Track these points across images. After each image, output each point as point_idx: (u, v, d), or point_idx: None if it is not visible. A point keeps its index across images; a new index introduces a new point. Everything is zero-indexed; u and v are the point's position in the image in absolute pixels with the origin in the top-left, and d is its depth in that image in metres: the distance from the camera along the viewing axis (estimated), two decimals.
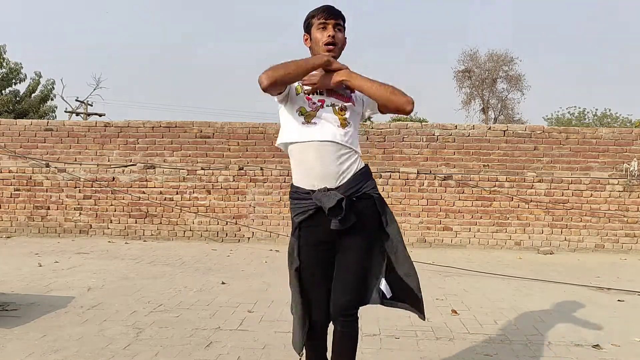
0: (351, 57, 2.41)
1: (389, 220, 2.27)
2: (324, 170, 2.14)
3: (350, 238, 2.16)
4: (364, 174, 2.22)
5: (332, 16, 2.20)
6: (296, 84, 2.20)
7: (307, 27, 2.26)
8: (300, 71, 2.08)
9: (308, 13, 2.25)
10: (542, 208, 7.41)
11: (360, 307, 2.24)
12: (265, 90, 2.06)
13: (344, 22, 2.26)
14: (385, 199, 2.20)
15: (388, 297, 2.33)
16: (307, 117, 2.17)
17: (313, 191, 2.14)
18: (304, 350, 2.30)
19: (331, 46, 2.20)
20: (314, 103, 2.18)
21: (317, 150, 2.14)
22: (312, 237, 2.21)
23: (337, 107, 2.20)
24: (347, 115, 2.21)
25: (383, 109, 2.23)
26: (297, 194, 2.22)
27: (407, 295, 2.33)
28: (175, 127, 7.74)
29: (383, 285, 2.31)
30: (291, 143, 2.20)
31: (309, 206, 2.16)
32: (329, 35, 2.19)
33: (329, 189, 2.12)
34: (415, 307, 2.34)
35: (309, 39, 2.26)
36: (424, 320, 2.38)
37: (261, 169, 7.61)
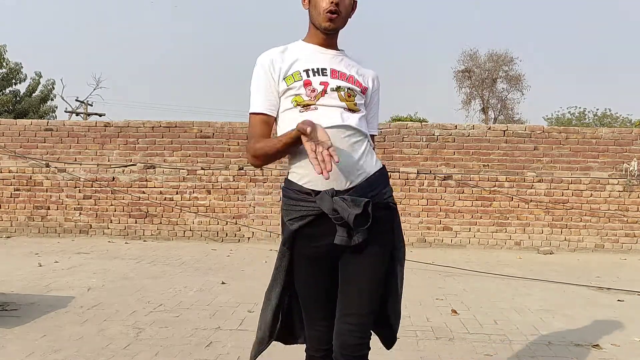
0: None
1: (399, 242, 1.86)
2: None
3: (361, 256, 1.73)
4: (383, 177, 1.80)
5: None
6: (290, 73, 1.77)
7: None
8: (276, 152, 1.71)
9: None
10: (542, 208, 7.41)
11: None
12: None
13: None
14: None
15: None
16: (305, 106, 1.74)
17: (316, 192, 1.68)
18: None
19: (333, 15, 1.75)
20: (314, 90, 1.74)
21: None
22: (310, 250, 1.75)
23: (342, 92, 1.76)
24: (358, 100, 1.80)
25: None
26: (295, 192, 1.74)
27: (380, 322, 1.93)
28: (175, 127, 7.74)
29: None
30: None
31: (310, 210, 1.70)
32: (332, 2, 1.73)
33: (337, 192, 1.66)
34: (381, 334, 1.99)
35: (307, 1, 1.82)
36: (388, 349, 2.06)
37: (261, 168, 7.61)
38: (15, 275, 5.04)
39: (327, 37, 1.83)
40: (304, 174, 1.72)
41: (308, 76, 1.75)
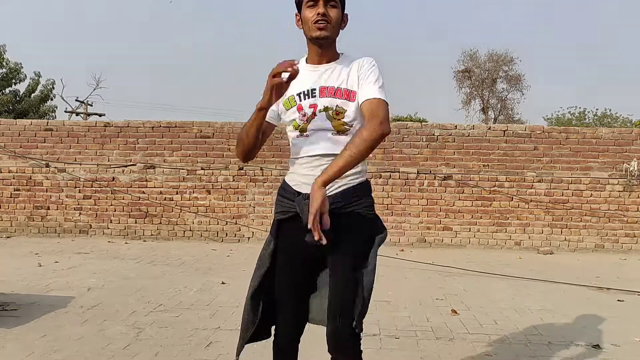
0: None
1: (366, 245, 1.96)
2: (314, 178, 1.87)
3: (338, 255, 1.91)
4: (359, 191, 1.96)
5: None
6: (284, 98, 1.96)
7: (298, 5, 1.99)
8: (246, 132, 1.93)
9: None
10: (542, 208, 7.41)
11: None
12: (246, 161, 2.11)
13: None
14: (385, 199, 2.07)
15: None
16: (301, 130, 1.97)
17: (298, 193, 1.94)
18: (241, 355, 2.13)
19: (322, 24, 1.90)
20: (305, 114, 1.95)
21: (310, 163, 1.95)
22: (290, 242, 1.99)
23: (331, 111, 1.93)
24: (347, 117, 1.94)
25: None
26: (284, 191, 2.02)
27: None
28: (175, 127, 7.74)
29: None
30: (291, 155, 2.06)
31: (291, 208, 1.95)
32: (319, 13, 1.90)
33: None
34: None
35: (300, 20, 1.99)
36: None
37: (261, 169, 7.61)
38: (15, 275, 5.04)
39: (322, 49, 1.97)
40: (293, 177, 2.00)
41: (300, 100, 1.96)
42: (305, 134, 1.96)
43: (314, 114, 1.94)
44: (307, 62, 2.03)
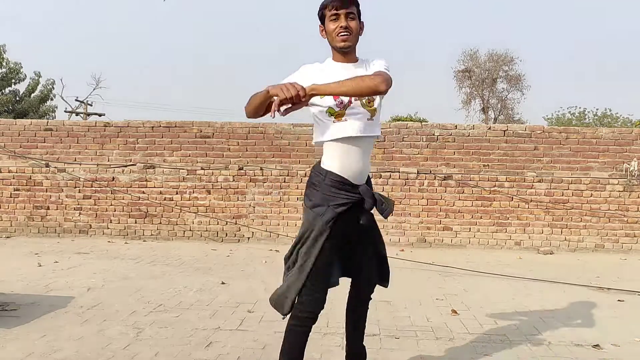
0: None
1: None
2: (359, 166, 2.26)
3: (367, 231, 2.37)
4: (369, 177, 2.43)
5: (344, 5, 2.21)
6: None
7: (321, 17, 2.28)
8: (254, 105, 2.16)
9: (321, 3, 2.28)
10: (542, 208, 7.41)
11: None
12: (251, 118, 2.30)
13: (358, 7, 2.28)
14: None
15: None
16: (337, 116, 2.21)
17: (351, 184, 2.24)
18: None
19: (345, 35, 2.22)
20: (342, 102, 2.20)
21: (352, 145, 2.23)
22: (343, 229, 2.26)
23: (364, 99, 2.22)
24: (376, 103, 2.27)
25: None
26: (342, 184, 2.23)
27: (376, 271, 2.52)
28: (175, 127, 7.73)
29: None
30: (326, 141, 2.27)
31: (353, 198, 2.24)
32: (341, 26, 2.21)
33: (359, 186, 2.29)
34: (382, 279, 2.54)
35: (324, 30, 2.29)
36: (386, 287, 2.57)
37: (261, 169, 7.61)
38: (15, 275, 5.04)
39: (345, 54, 2.28)
40: (343, 169, 2.23)
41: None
42: (343, 118, 2.21)
43: (350, 102, 2.20)
44: (334, 60, 2.32)
